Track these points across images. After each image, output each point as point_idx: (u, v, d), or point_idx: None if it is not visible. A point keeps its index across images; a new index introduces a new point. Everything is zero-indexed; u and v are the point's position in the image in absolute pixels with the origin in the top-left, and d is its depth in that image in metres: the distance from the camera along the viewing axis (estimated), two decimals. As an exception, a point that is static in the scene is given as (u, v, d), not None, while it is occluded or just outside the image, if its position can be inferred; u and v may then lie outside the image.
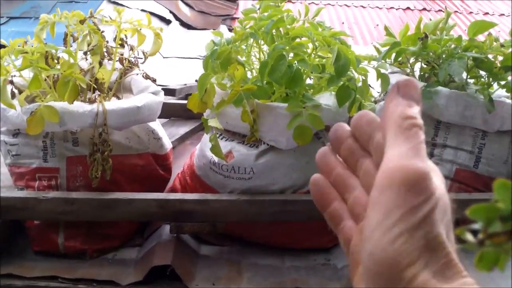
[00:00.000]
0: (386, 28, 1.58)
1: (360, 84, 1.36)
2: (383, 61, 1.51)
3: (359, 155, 0.51)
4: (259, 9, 1.49)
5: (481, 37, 1.55)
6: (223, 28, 5.98)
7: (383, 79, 1.42)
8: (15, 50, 1.34)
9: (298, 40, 1.34)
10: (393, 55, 1.54)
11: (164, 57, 4.05)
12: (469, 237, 0.33)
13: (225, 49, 1.32)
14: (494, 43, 1.48)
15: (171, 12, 5.88)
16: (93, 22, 1.48)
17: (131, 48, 1.58)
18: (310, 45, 1.34)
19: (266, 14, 1.40)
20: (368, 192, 0.46)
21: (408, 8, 7.70)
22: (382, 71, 1.41)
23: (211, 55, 1.33)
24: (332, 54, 1.25)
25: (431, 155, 1.48)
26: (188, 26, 5.86)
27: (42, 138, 1.34)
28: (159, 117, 2.12)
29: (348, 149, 0.52)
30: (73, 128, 1.32)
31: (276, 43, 1.33)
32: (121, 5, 5.32)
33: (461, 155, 1.44)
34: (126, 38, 1.55)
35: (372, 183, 0.44)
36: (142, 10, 5.47)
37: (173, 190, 1.56)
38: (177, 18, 5.87)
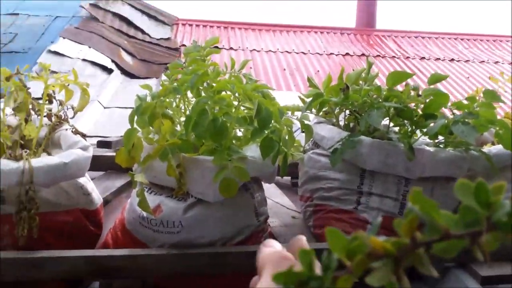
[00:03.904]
0: (309, 80, 1.63)
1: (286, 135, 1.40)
2: (308, 111, 1.56)
3: None
4: (185, 62, 1.52)
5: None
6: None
7: (307, 129, 1.46)
8: None
9: (223, 93, 1.38)
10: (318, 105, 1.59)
11: (105, 107, 4.03)
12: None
13: (149, 104, 1.34)
14: (412, 93, 1.54)
15: (113, 61, 5.89)
16: (19, 79, 1.48)
17: (60, 103, 1.58)
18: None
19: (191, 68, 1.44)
20: None
21: (347, 54, 7.92)
22: (306, 122, 1.46)
23: (136, 111, 1.35)
24: (253, 107, 1.29)
25: (357, 203, 1.51)
26: (131, 75, 5.86)
27: (-33, 197, 1.32)
28: (95, 170, 2.13)
29: None
30: (-2, 186, 1.31)
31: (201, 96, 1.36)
32: (62, 55, 5.31)
33: (386, 202, 1.48)
34: (54, 94, 1.56)
35: None
36: (84, 60, 5.46)
37: (105, 245, 1.55)
38: (119, 67, 5.86)
